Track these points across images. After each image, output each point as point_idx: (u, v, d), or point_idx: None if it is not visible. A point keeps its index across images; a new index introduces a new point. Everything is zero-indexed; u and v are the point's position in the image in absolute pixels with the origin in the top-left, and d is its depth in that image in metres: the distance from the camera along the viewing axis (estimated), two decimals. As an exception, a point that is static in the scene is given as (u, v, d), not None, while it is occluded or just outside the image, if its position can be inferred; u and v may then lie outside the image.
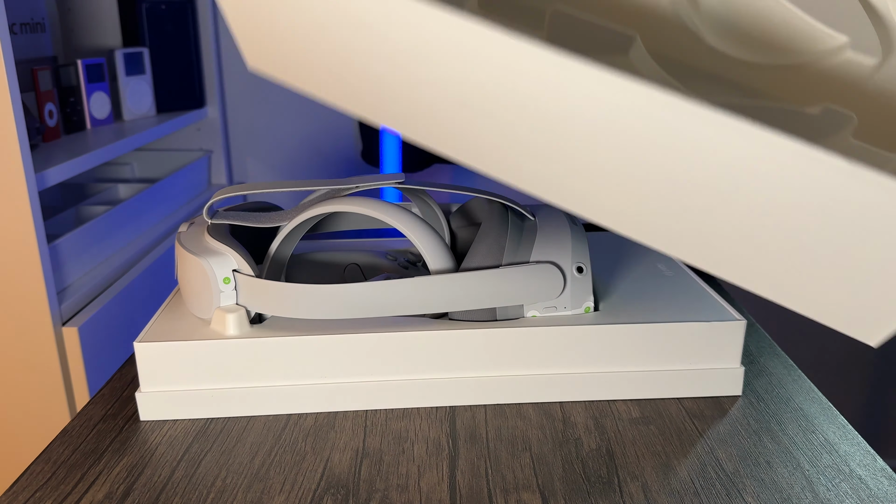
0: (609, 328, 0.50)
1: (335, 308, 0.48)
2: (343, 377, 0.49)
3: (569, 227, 0.54)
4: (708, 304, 0.53)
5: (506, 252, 0.51)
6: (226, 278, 0.49)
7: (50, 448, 0.46)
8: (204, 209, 0.53)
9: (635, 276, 0.58)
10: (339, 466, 0.44)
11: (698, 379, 0.51)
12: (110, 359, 0.95)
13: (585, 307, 0.51)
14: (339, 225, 0.61)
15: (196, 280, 0.50)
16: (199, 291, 0.50)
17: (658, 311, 0.51)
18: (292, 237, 0.53)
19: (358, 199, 0.50)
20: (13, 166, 0.82)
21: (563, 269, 0.51)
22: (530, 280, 0.50)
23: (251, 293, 0.49)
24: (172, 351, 0.48)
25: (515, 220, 0.54)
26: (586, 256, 0.52)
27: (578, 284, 0.51)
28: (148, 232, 1.16)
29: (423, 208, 0.60)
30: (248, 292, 0.50)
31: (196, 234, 0.53)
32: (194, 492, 0.42)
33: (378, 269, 0.60)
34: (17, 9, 1.11)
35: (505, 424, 0.48)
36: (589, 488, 0.42)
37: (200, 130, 1.41)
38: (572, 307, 0.51)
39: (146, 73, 1.28)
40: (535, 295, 0.50)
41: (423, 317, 0.51)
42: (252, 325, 0.50)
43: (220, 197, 0.52)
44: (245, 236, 0.55)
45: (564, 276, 0.51)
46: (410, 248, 0.64)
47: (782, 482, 0.42)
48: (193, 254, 0.50)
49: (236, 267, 0.50)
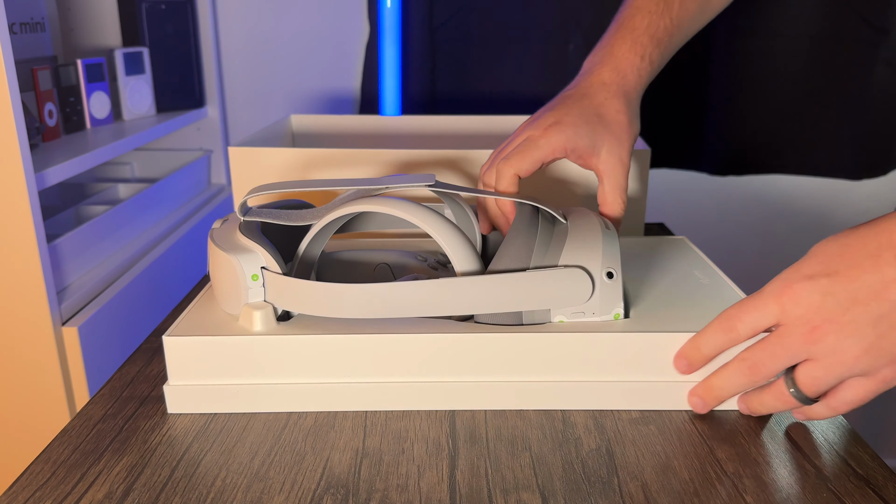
0: (635, 336, 0.49)
1: (360, 307, 0.49)
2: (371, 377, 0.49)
3: (601, 231, 0.52)
4: None
5: (534, 255, 0.50)
6: (254, 275, 0.50)
7: (50, 448, 0.46)
8: (237, 206, 0.53)
9: (669, 284, 0.57)
10: (339, 466, 0.44)
11: None
12: (110, 359, 0.95)
13: (615, 314, 0.50)
14: (368, 225, 0.62)
15: (226, 276, 0.51)
16: (228, 287, 0.51)
17: (690, 320, 0.50)
18: (321, 236, 0.54)
19: (386, 199, 0.51)
20: (13, 166, 0.82)
21: (592, 274, 0.50)
22: (558, 284, 0.49)
23: (278, 291, 0.50)
24: (198, 345, 0.49)
25: (546, 224, 0.53)
26: (617, 262, 0.51)
27: (608, 290, 0.50)
28: (148, 232, 1.16)
29: (454, 209, 0.60)
30: (275, 290, 0.50)
31: (228, 231, 0.54)
32: (194, 492, 0.42)
33: (408, 270, 0.60)
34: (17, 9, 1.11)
35: (505, 425, 0.48)
36: (589, 488, 0.42)
37: (200, 130, 1.41)
38: (601, 313, 0.50)
39: (146, 72, 1.27)
40: (563, 300, 0.49)
41: (448, 319, 0.51)
42: (279, 323, 0.50)
43: (253, 195, 0.53)
44: (277, 234, 0.56)
45: (593, 281, 0.50)
46: (440, 250, 0.64)
47: (782, 482, 0.42)
48: (223, 250, 0.51)
49: (265, 264, 0.50)
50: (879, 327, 0.42)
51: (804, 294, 0.43)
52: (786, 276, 0.45)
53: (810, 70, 1.23)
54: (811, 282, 0.43)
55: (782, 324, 0.44)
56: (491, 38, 1.27)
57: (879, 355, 0.42)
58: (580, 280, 0.49)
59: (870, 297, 0.42)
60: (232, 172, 0.74)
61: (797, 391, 0.45)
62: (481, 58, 1.28)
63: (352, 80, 1.38)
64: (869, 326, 0.42)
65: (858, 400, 0.44)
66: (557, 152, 0.57)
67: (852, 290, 0.42)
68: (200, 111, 1.37)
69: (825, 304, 0.43)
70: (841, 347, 0.43)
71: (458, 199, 0.59)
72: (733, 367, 0.47)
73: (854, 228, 0.44)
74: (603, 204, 0.59)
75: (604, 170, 0.58)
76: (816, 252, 0.45)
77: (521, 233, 0.51)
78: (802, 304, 0.43)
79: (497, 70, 1.28)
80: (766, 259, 1.43)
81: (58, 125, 1.10)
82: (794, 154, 1.29)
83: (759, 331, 0.46)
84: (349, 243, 0.65)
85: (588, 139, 0.57)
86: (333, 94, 1.39)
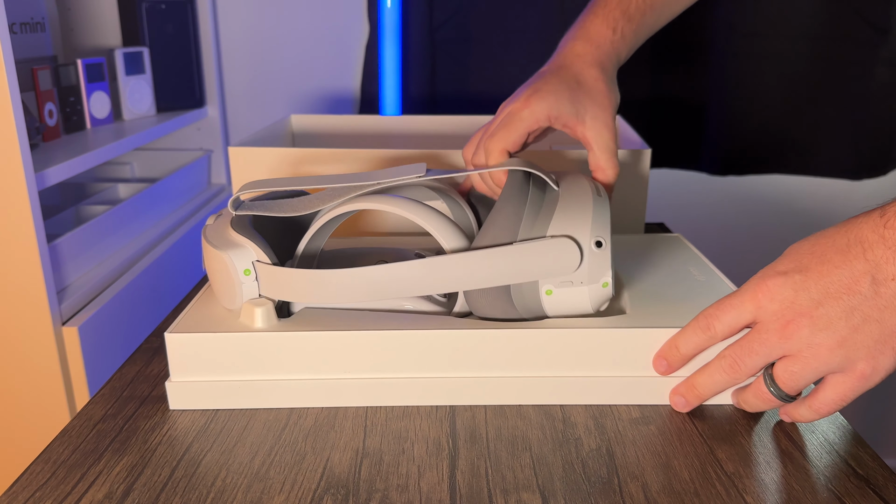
0: (632, 332, 0.49)
1: (351, 292, 0.49)
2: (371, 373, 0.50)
3: (592, 198, 0.52)
4: None
5: (522, 225, 0.49)
6: (246, 270, 0.50)
7: (50, 448, 0.46)
8: (229, 202, 0.54)
9: (666, 280, 0.57)
10: (339, 466, 0.44)
11: None
12: (110, 359, 0.95)
13: (603, 282, 0.49)
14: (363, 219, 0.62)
15: (219, 273, 0.52)
16: (223, 283, 0.52)
17: (686, 316, 0.50)
18: (319, 236, 0.54)
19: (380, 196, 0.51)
20: (13, 166, 0.82)
21: (580, 244, 0.49)
22: (545, 256, 0.48)
23: (271, 282, 0.50)
24: (200, 342, 0.49)
25: (536, 191, 0.53)
26: (607, 230, 0.50)
27: (596, 259, 0.49)
28: (148, 232, 1.16)
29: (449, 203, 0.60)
30: (268, 282, 0.50)
31: (220, 227, 0.54)
32: (194, 492, 0.42)
33: None
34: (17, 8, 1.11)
35: (505, 424, 0.48)
36: (589, 488, 0.42)
37: (200, 130, 1.41)
38: (589, 282, 0.49)
39: (146, 72, 1.27)
40: (550, 271, 0.49)
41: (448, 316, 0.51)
42: (280, 320, 0.51)
43: (246, 192, 0.53)
44: (271, 226, 0.56)
45: (582, 250, 0.49)
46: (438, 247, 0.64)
47: (782, 482, 0.42)
48: (215, 247, 0.51)
49: (256, 258, 0.51)
50: (852, 320, 0.42)
51: (777, 290, 0.44)
52: (761, 275, 0.46)
53: (810, 70, 1.23)
54: (784, 278, 0.44)
55: (758, 321, 0.45)
56: (491, 38, 1.27)
57: (854, 348, 0.43)
58: (568, 250, 0.49)
59: (841, 290, 0.43)
60: (232, 172, 0.74)
61: (776, 389, 0.46)
62: (481, 58, 1.28)
63: (352, 80, 1.38)
64: (841, 320, 0.43)
65: (839, 398, 0.44)
66: (542, 121, 0.57)
67: (824, 284, 0.43)
68: (200, 111, 1.37)
69: (798, 299, 0.44)
70: (815, 341, 0.43)
71: (452, 194, 0.59)
72: (714, 366, 0.47)
73: (826, 229, 0.45)
74: (596, 170, 0.59)
75: (591, 136, 0.58)
76: (790, 251, 0.46)
77: (510, 202, 0.51)
78: (776, 300, 0.44)
79: (497, 70, 1.28)
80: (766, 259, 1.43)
81: (58, 125, 1.10)
82: (794, 154, 1.29)
83: (736, 329, 0.46)
84: (348, 242, 0.65)
85: (570, 105, 0.57)
86: (333, 94, 1.39)
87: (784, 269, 0.45)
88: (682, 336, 0.48)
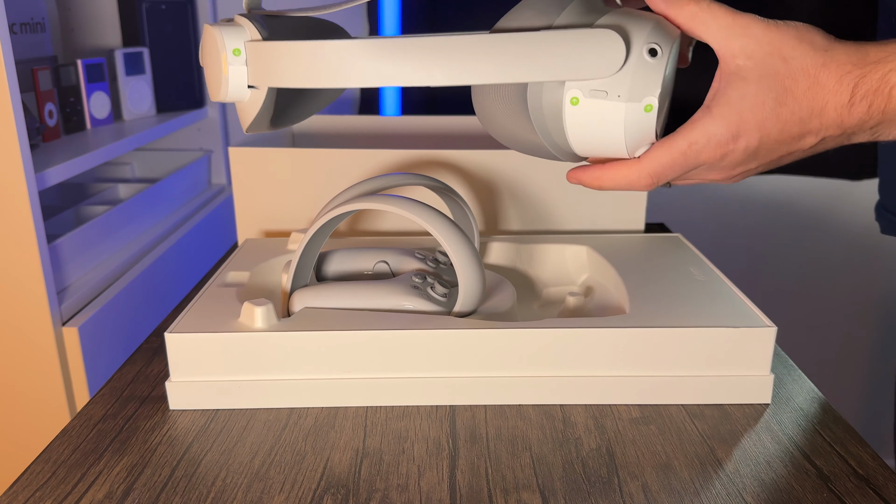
0: (632, 331, 0.49)
1: (345, 68, 0.40)
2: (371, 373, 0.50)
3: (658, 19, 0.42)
4: (738, 310, 0.52)
5: (565, 12, 0.39)
6: (236, 49, 0.45)
7: (50, 448, 0.46)
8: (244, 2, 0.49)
9: (666, 280, 0.57)
10: (339, 466, 0.44)
11: (726, 385, 0.50)
12: (110, 359, 0.95)
13: (647, 104, 0.39)
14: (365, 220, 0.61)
15: (210, 54, 0.47)
16: (212, 67, 0.47)
17: (686, 316, 0.50)
18: (320, 234, 0.54)
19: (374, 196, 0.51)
20: (13, 166, 0.82)
21: (629, 41, 0.38)
22: (577, 46, 0.38)
23: (261, 63, 0.44)
24: (200, 342, 0.49)
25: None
26: (669, 42, 0.39)
27: (644, 69, 0.38)
28: (148, 232, 1.16)
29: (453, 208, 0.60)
30: (258, 63, 0.44)
31: None
32: (194, 491, 0.42)
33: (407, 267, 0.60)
34: (17, 9, 1.11)
35: (505, 424, 0.48)
36: (589, 488, 0.42)
37: (200, 130, 1.41)
38: (628, 98, 0.39)
39: (146, 72, 1.28)
40: (579, 68, 0.38)
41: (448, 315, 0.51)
42: (280, 320, 0.50)
43: None
44: None
45: (629, 50, 0.38)
46: (438, 248, 0.64)
47: (782, 482, 0.42)
48: (210, 25, 0.47)
49: (250, 38, 0.45)
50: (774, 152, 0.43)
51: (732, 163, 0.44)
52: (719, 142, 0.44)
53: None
54: (745, 155, 0.44)
55: None
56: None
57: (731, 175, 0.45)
58: (610, 44, 0.38)
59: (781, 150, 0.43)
60: (232, 173, 0.74)
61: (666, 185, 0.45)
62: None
63: (352, 80, 1.38)
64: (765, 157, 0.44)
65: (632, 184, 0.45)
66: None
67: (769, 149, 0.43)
68: (200, 111, 1.37)
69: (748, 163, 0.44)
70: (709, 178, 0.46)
71: (452, 194, 0.59)
72: (634, 179, 0.44)
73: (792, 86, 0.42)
74: None
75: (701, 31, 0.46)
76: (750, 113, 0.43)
77: None
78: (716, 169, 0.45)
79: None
80: (767, 259, 1.44)
81: (58, 125, 1.10)
82: (794, 154, 1.29)
83: None
84: (348, 242, 0.65)
85: None
86: (333, 95, 1.39)
87: (745, 146, 0.43)
88: (614, 179, 0.44)
